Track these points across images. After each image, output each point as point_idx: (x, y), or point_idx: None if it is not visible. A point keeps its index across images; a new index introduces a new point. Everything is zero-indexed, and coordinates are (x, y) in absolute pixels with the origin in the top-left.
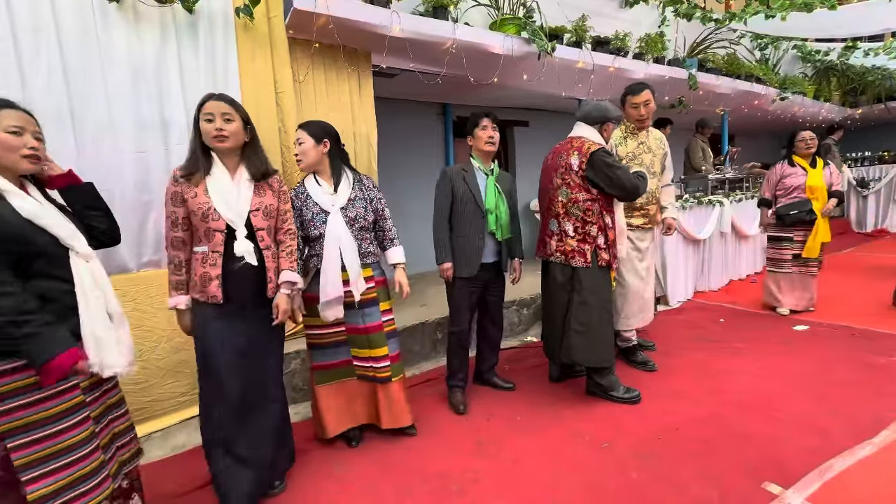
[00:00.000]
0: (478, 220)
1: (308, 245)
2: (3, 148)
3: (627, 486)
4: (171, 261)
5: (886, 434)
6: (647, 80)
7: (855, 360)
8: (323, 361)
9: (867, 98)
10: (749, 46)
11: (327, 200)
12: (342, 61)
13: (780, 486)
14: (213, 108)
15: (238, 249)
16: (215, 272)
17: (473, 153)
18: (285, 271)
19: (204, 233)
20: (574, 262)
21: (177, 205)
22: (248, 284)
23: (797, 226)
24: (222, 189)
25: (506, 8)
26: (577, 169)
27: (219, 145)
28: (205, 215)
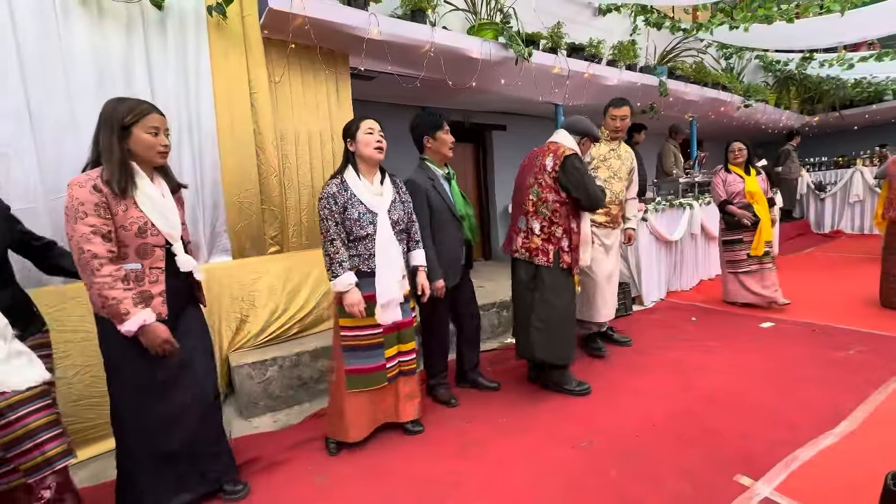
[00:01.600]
0: (457, 230)
1: (350, 244)
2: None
3: (607, 485)
4: (114, 277)
5: (846, 424)
6: (620, 86)
7: (816, 356)
8: (357, 365)
9: (823, 106)
10: (715, 55)
11: (375, 201)
12: (319, 63)
13: (751, 479)
14: (158, 121)
15: (183, 265)
16: (157, 289)
17: (429, 156)
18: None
19: (136, 249)
20: (537, 261)
21: (104, 217)
22: (184, 297)
23: (744, 229)
24: (156, 203)
25: (483, 13)
26: (551, 170)
27: (162, 161)
28: (141, 230)
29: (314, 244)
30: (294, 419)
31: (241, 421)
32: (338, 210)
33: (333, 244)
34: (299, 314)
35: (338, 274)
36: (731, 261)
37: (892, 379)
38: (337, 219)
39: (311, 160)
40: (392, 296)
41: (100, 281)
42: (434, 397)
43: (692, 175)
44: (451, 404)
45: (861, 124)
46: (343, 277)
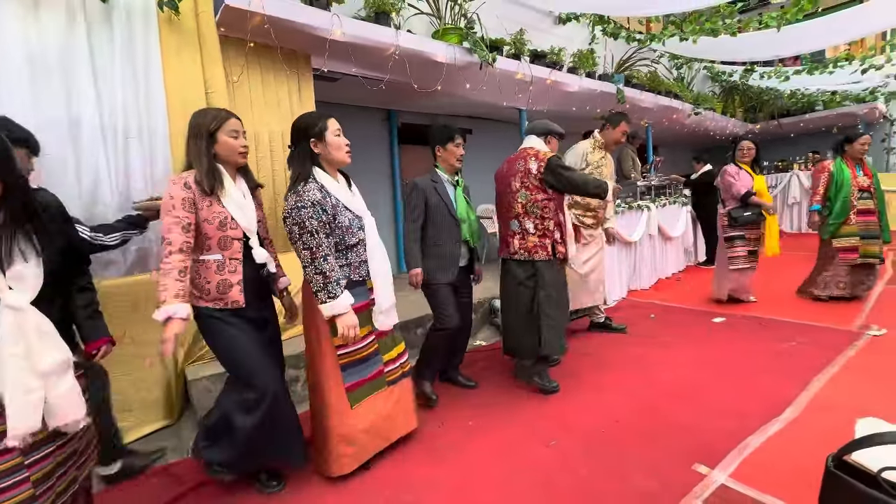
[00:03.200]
0: (453, 229)
1: (338, 253)
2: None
3: (576, 481)
4: (174, 267)
5: (791, 410)
6: (581, 93)
7: (763, 348)
8: (357, 379)
9: (764, 115)
10: (667, 65)
11: (359, 205)
12: (280, 63)
13: (708, 467)
14: (237, 125)
15: (258, 257)
16: (236, 278)
17: (440, 164)
18: (283, 277)
19: (218, 241)
20: (537, 257)
21: (189, 211)
22: (258, 289)
23: (748, 226)
24: (237, 200)
25: (447, 18)
26: (536, 172)
27: (243, 161)
28: (222, 224)
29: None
30: None
31: None
32: (327, 219)
33: (328, 260)
34: None
35: (336, 294)
36: (732, 257)
37: (829, 367)
38: (328, 230)
39: (273, 163)
40: (391, 300)
41: (163, 265)
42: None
43: (649, 179)
44: (431, 401)
45: (796, 132)
46: (343, 299)
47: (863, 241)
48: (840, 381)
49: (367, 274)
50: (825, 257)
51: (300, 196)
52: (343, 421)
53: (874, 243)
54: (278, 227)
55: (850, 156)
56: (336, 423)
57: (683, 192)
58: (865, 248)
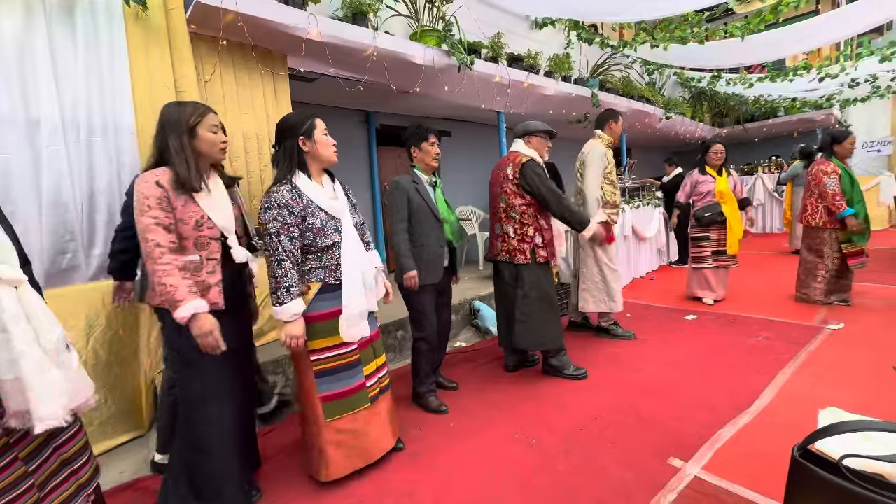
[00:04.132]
0: (436, 230)
1: (311, 255)
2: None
3: (555, 479)
4: (174, 267)
5: (759, 403)
6: (557, 96)
7: (732, 343)
8: (335, 389)
9: (730, 119)
10: (639, 71)
11: (336, 207)
12: (255, 62)
13: (682, 460)
14: (216, 120)
15: (238, 256)
16: (215, 279)
17: (417, 165)
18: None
19: (195, 241)
20: (517, 260)
21: (166, 210)
22: (237, 289)
23: (712, 226)
24: (214, 198)
25: (425, 20)
26: (512, 177)
27: (222, 156)
28: (199, 224)
29: None
30: None
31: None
32: (294, 221)
33: (282, 265)
34: None
35: (284, 301)
36: (695, 256)
37: (793, 361)
38: (292, 232)
39: (248, 164)
40: (358, 309)
41: (160, 268)
42: (423, 406)
43: (623, 181)
44: (441, 411)
45: (761, 136)
46: (289, 306)
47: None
48: (804, 374)
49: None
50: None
51: (269, 197)
52: (319, 432)
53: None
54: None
55: (840, 156)
56: (315, 433)
57: (656, 194)
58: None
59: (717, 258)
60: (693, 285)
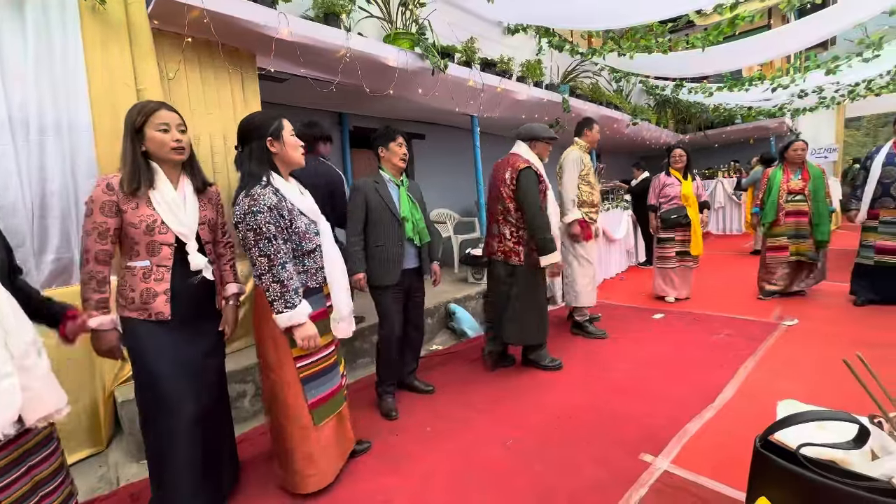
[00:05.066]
0: (395, 229)
1: (295, 260)
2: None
3: (532, 478)
4: (91, 276)
5: (722, 397)
6: (530, 101)
7: (697, 340)
8: (321, 393)
9: (692, 126)
10: (607, 78)
11: (312, 209)
12: (222, 60)
13: (652, 455)
14: (167, 118)
15: (195, 263)
16: (162, 287)
17: (384, 166)
18: (231, 284)
19: (146, 246)
20: (512, 261)
21: (108, 215)
22: (195, 299)
23: (676, 228)
24: (170, 202)
25: (399, 23)
26: (510, 182)
27: (177, 157)
28: (150, 228)
29: None
30: None
31: (133, 464)
32: (284, 224)
33: (286, 268)
34: None
35: (294, 304)
36: (659, 256)
37: (752, 356)
38: (286, 235)
39: (214, 165)
40: (349, 307)
41: (81, 276)
42: (378, 405)
43: None
44: (390, 417)
45: (720, 143)
46: (301, 308)
47: (791, 240)
48: (762, 368)
49: (323, 280)
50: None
51: (255, 200)
52: (307, 439)
53: (804, 242)
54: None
55: (789, 161)
56: (299, 441)
57: (625, 198)
58: (796, 247)
59: (682, 258)
60: (658, 285)
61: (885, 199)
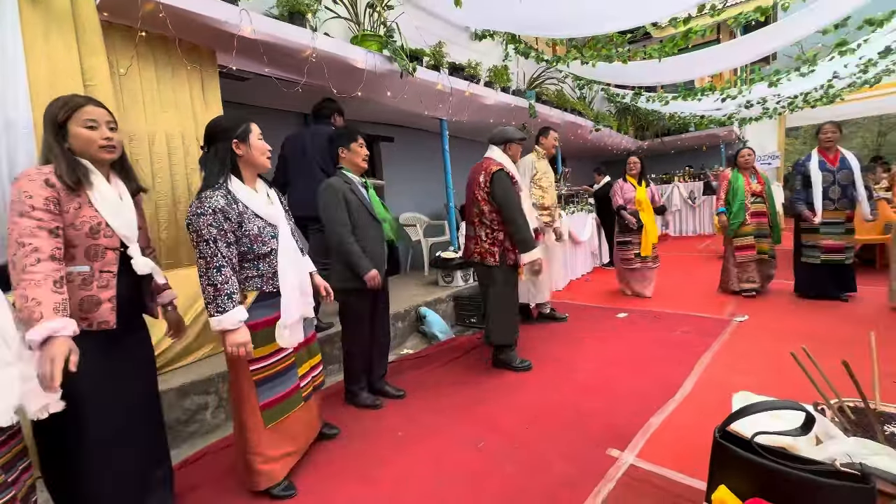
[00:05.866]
0: (376, 230)
1: (247, 264)
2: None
3: (504, 479)
4: (47, 276)
5: (682, 391)
6: (497, 106)
7: (658, 338)
8: (273, 396)
9: (650, 133)
10: (571, 85)
11: (272, 213)
12: (179, 56)
13: (619, 450)
14: (96, 114)
15: (140, 267)
16: (107, 294)
17: (346, 166)
18: (166, 292)
19: (86, 250)
20: (487, 262)
21: (54, 212)
22: (133, 307)
23: (633, 231)
24: (112, 202)
25: (366, 24)
26: (483, 185)
27: (107, 156)
28: (94, 230)
29: (177, 263)
30: None
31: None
32: (230, 227)
33: (222, 272)
34: (160, 347)
35: (226, 309)
36: (621, 258)
37: (708, 351)
38: (229, 238)
39: (172, 166)
40: (297, 315)
41: (29, 278)
42: (356, 404)
43: (559, 188)
44: (376, 406)
45: (676, 149)
46: (232, 313)
47: (756, 239)
48: (718, 363)
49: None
50: (730, 256)
51: (201, 203)
52: (259, 439)
53: (765, 242)
54: (182, 237)
55: (740, 167)
56: (253, 441)
57: (589, 201)
58: (759, 245)
59: (643, 260)
60: (623, 283)
61: (825, 202)
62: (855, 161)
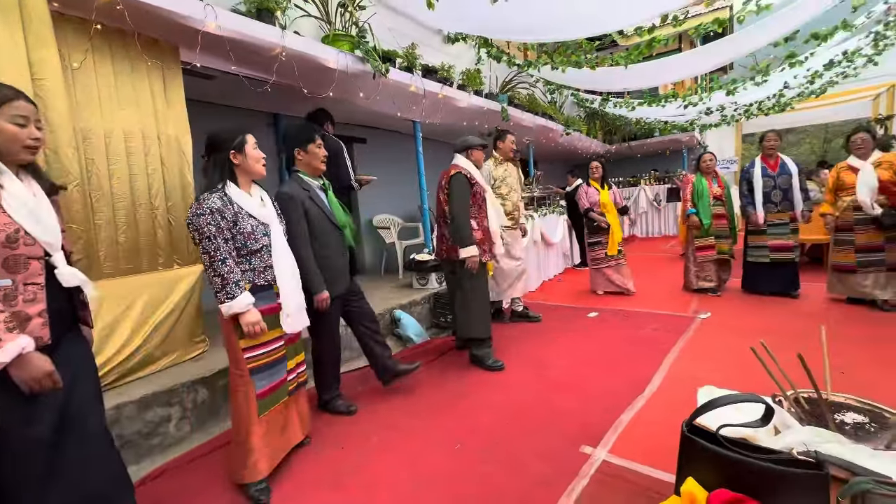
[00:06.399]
0: (338, 238)
1: (241, 259)
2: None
3: (480, 479)
4: None
5: (650, 387)
6: (470, 109)
7: (627, 336)
8: (267, 385)
9: (618, 138)
10: (542, 90)
11: (264, 213)
12: (138, 51)
13: (591, 447)
14: (26, 109)
15: (67, 279)
16: (36, 308)
17: (302, 168)
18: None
19: (7, 262)
20: (453, 258)
21: None
22: (64, 318)
23: (601, 232)
24: (30, 207)
25: (338, 24)
26: (444, 187)
27: (30, 158)
28: (11, 239)
29: (137, 269)
30: None
31: None
32: (226, 225)
33: (226, 263)
34: (118, 357)
35: (234, 294)
36: (592, 258)
37: (675, 347)
38: (227, 235)
39: (131, 166)
40: (295, 301)
41: None
42: (331, 411)
43: (532, 190)
44: (351, 412)
45: (642, 153)
46: (242, 298)
47: (717, 240)
48: (684, 358)
49: (273, 279)
50: (691, 255)
51: (200, 204)
52: (251, 431)
53: (725, 242)
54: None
55: (703, 171)
56: (245, 431)
57: (560, 203)
58: (719, 245)
59: (614, 258)
60: (595, 283)
61: (769, 206)
62: (794, 166)
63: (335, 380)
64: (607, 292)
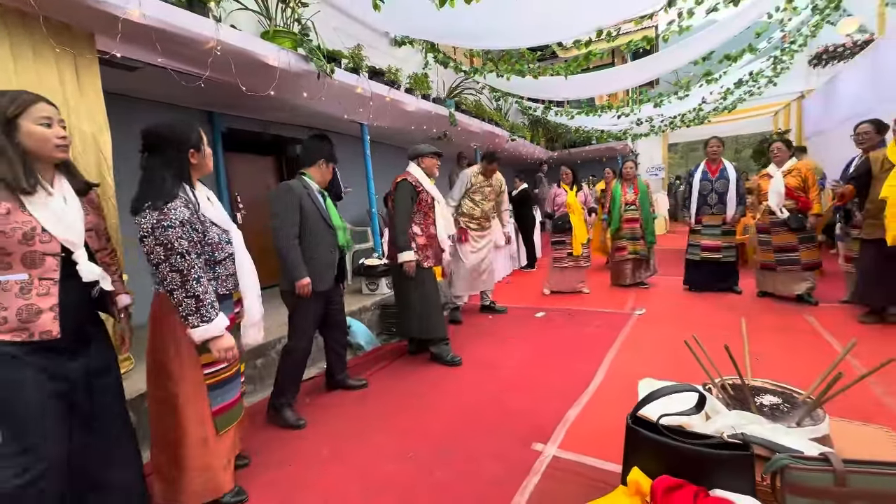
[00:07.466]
0: (329, 237)
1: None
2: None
3: (433, 486)
4: None
5: (594, 383)
6: (418, 112)
7: (573, 334)
8: (225, 402)
9: (559, 145)
10: (488, 96)
11: (223, 218)
12: (44, 37)
13: (542, 444)
14: (50, 111)
15: (86, 274)
16: (48, 302)
17: (312, 174)
18: (122, 296)
19: (22, 257)
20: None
21: None
22: (83, 314)
23: (565, 232)
24: (54, 206)
25: (279, 20)
26: (392, 193)
27: (62, 155)
28: (27, 236)
29: None
30: None
31: None
32: (198, 238)
33: (201, 282)
34: None
35: (210, 318)
36: (555, 257)
37: (615, 344)
38: (198, 249)
39: None
40: (260, 312)
41: None
42: (278, 423)
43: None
44: (299, 426)
45: (581, 159)
46: (218, 321)
47: (629, 241)
48: (624, 353)
49: (233, 286)
50: (611, 256)
51: (165, 214)
52: (206, 450)
53: (638, 243)
54: None
55: (624, 178)
56: (198, 452)
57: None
58: (633, 246)
59: (575, 259)
60: (554, 281)
61: (704, 208)
62: (733, 172)
63: (294, 385)
64: (554, 292)
